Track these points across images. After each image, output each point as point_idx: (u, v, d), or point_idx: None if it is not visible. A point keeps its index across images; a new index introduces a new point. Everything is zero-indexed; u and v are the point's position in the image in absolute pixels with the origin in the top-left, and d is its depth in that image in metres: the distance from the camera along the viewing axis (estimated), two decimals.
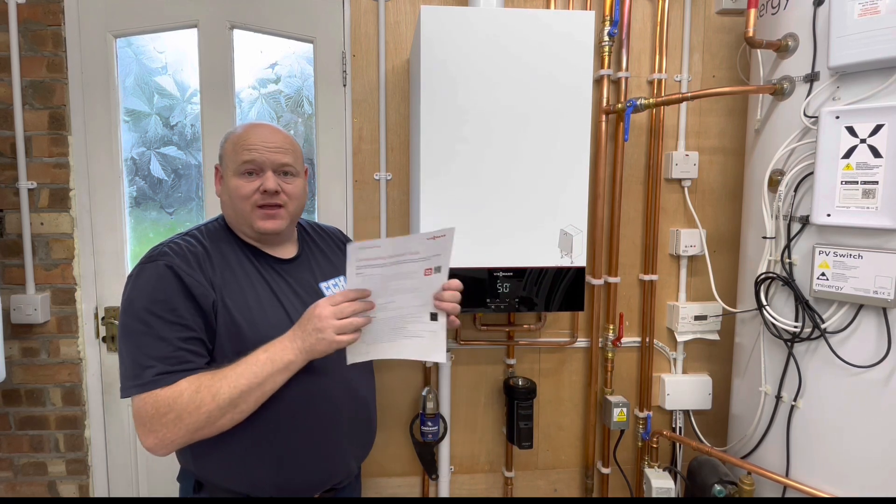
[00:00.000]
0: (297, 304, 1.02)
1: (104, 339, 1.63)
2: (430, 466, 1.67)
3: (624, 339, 1.71)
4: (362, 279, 0.94)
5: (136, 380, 0.88)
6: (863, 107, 1.17)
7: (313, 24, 1.60)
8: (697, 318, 1.71)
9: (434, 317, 1.04)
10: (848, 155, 1.18)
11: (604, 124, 1.62)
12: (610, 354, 1.71)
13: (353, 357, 0.97)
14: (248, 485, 0.97)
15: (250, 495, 0.98)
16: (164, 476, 1.67)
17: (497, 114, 1.35)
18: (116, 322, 1.62)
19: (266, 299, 0.99)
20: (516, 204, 1.37)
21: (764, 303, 1.37)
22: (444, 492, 1.70)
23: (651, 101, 1.48)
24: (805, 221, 1.29)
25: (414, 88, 1.50)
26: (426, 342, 1.04)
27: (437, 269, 1.02)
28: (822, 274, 1.24)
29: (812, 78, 1.27)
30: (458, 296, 1.04)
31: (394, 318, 1.00)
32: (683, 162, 1.68)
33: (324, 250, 1.15)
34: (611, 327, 1.70)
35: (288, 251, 1.09)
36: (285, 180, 1.02)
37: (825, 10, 1.22)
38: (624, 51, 1.63)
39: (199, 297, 0.92)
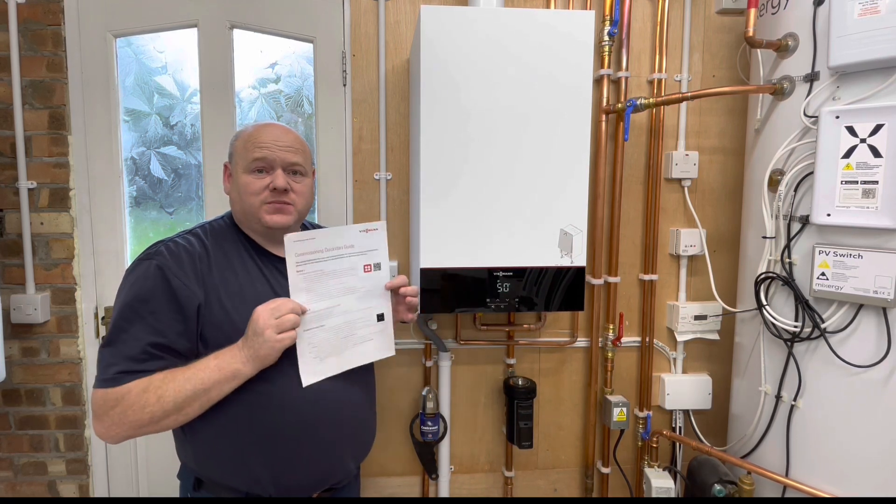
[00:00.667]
0: None
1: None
2: (430, 466, 1.67)
3: (624, 339, 1.71)
4: (303, 277, 0.95)
5: (102, 374, 0.91)
6: (863, 106, 1.17)
7: (313, 23, 1.60)
8: (697, 317, 1.71)
9: (381, 317, 1.06)
10: (848, 155, 1.18)
11: (604, 124, 1.62)
12: (610, 354, 1.71)
13: (308, 377, 0.97)
14: (247, 482, 0.98)
15: (249, 493, 0.98)
16: (164, 475, 1.67)
17: (497, 113, 1.35)
18: None
19: (265, 296, 1.00)
20: (516, 203, 1.37)
21: (764, 302, 1.37)
22: (444, 491, 1.70)
23: (651, 100, 1.48)
24: (805, 221, 1.29)
25: (414, 88, 1.50)
26: (376, 343, 1.06)
27: (377, 267, 1.04)
28: (822, 274, 1.24)
29: (812, 78, 1.27)
30: (418, 290, 1.12)
31: (342, 325, 1.00)
32: (683, 162, 1.68)
33: None
34: (611, 327, 1.70)
35: None
36: (294, 179, 1.04)
37: (825, 10, 1.22)
38: (624, 50, 1.63)
39: (183, 300, 0.94)
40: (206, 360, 0.92)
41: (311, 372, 0.97)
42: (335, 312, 0.99)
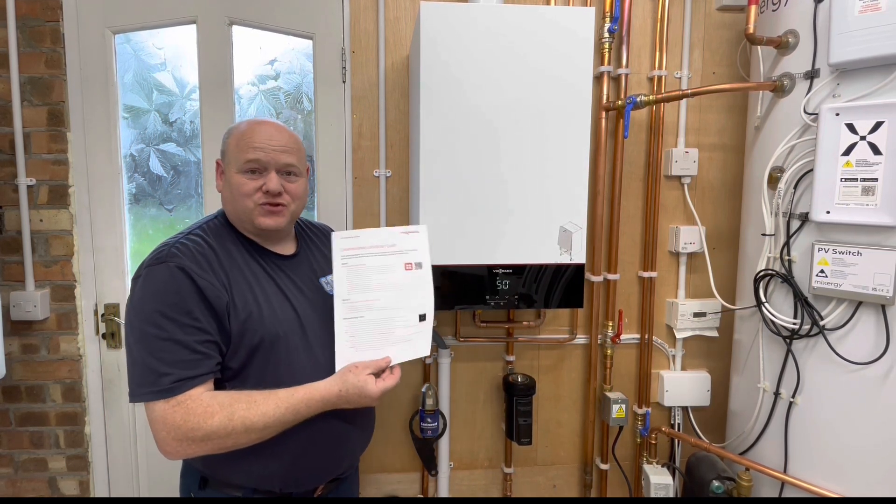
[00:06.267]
0: (301, 299, 1.04)
1: (104, 336, 1.63)
2: (429, 463, 1.67)
3: (623, 336, 1.71)
4: (348, 270, 1.00)
5: (153, 386, 0.87)
6: (863, 104, 1.17)
7: (313, 20, 1.60)
8: (696, 314, 1.71)
9: (423, 317, 1.07)
10: (848, 152, 1.18)
11: (604, 121, 1.62)
12: (609, 351, 1.71)
13: (342, 365, 1.00)
14: (255, 478, 0.98)
15: (257, 488, 0.99)
16: (165, 472, 1.67)
17: (496, 110, 1.35)
18: (116, 319, 1.62)
19: (273, 295, 1.00)
20: (516, 201, 1.37)
21: (763, 300, 1.38)
22: (444, 488, 1.70)
23: (651, 97, 1.48)
24: (804, 218, 1.29)
25: (413, 85, 1.49)
26: (413, 343, 1.07)
27: (419, 266, 1.07)
28: (821, 271, 1.24)
29: (812, 75, 1.27)
30: None
31: (382, 319, 1.03)
32: (683, 159, 1.68)
33: (318, 246, 1.17)
34: (610, 324, 1.71)
35: (288, 248, 1.10)
36: (288, 180, 1.02)
37: (826, 7, 1.22)
38: (624, 47, 1.63)
39: (213, 300, 0.92)
40: (294, 396, 0.94)
41: (346, 360, 1.00)
42: (375, 306, 1.02)
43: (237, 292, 0.96)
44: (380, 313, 1.02)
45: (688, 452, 1.71)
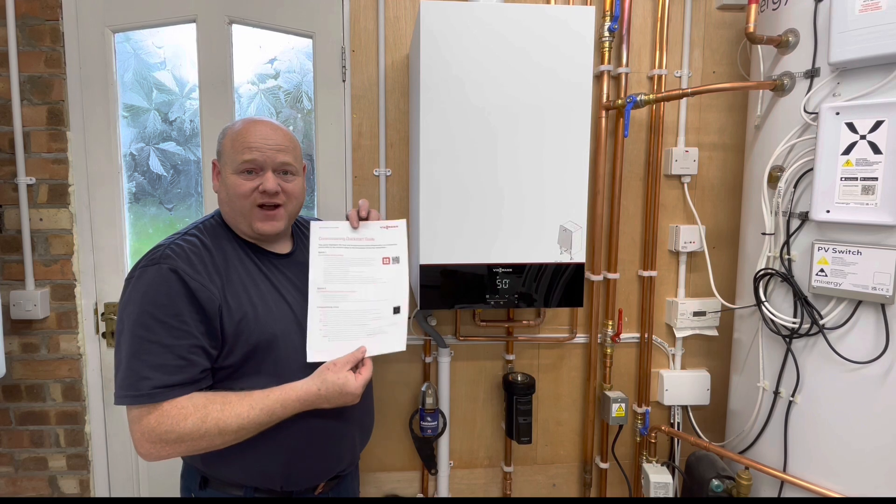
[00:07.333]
0: (298, 297, 1.04)
1: (104, 335, 1.63)
2: (429, 461, 1.68)
3: (623, 335, 1.71)
4: (325, 259, 1.02)
5: (132, 390, 0.87)
6: (863, 103, 1.16)
7: (312, 19, 1.60)
8: (696, 314, 1.72)
9: (397, 310, 1.08)
10: (848, 151, 1.18)
11: (604, 120, 1.62)
12: (609, 350, 1.71)
13: (313, 354, 0.99)
14: (257, 477, 0.98)
15: (258, 487, 0.99)
16: (165, 471, 1.67)
17: (496, 109, 1.34)
18: (116, 319, 1.62)
19: (269, 295, 1.00)
20: (516, 200, 1.37)
21: (763, 299, 1.38)
22: (444, 486, 1.71)
23: (651, 97, 1.48)
24: (804, 218, 1.29)
25: (413, 84, 1.49)
26: (389, 336, 1.08)
27: (396, 261, 1.09)
28: (821, 270, 1.24)
29: (812, 74, 1.27)
30: None
31: (356, 312, 1.04)
32: (683, 158, 1.68)
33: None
34: (610, 323, 1.71)
35: (284, 247, 1.10)
36: (285, 179, 1.02)
37: (826, 6, 1.22)
38: (624, 46, 1.63)
39: (205, 302, 0.91)
40: (271, 398, 0.94)
41: (317, 349, 1.00)
42: (350, 298, 1.03)
43: (231, 293, 0.96)
44: (354, 304, 1.04)
45: (687, 451, 1.71)
